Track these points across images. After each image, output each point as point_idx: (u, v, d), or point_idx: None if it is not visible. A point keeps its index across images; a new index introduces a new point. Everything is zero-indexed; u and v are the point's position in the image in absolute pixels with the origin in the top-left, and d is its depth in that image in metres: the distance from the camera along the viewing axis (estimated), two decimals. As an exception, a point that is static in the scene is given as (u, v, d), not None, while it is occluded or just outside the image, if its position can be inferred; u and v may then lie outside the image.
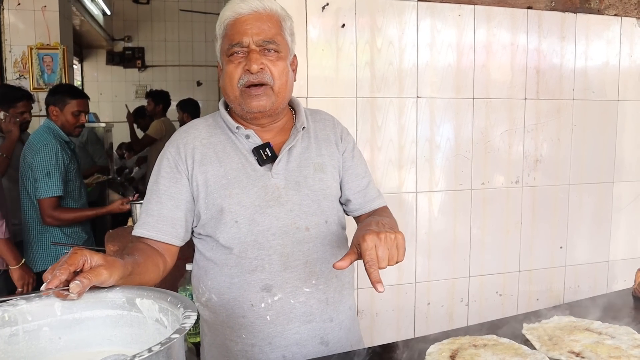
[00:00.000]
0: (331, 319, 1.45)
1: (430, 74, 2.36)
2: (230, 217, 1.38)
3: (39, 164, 2.90)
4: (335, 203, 1.50)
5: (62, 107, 3.11)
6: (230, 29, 1.38)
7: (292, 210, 1.40)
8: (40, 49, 4.79)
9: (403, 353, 1.22)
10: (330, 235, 1.45)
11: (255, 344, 1.40)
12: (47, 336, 1.06)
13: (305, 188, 1.43)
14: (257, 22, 1.36)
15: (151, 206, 1.42)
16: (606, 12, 2.59)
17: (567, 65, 2.56)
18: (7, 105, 3.41)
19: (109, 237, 2.35)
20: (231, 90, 1.39)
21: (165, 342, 0.83)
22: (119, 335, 1.10)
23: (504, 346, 1.20)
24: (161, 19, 8.25)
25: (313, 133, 1.51)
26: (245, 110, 1.40)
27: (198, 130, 1.47)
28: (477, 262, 2.51)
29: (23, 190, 3.03)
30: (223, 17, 1.40)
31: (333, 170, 1.50)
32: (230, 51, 1.37)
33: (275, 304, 1.38)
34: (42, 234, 3.04)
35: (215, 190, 1.39)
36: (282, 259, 1.37)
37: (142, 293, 1.08)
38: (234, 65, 1.37)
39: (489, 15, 2.40)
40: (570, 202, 2.64)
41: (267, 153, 1.41)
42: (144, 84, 8.23)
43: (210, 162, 1.41)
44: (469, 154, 2.44)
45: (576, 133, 2.61)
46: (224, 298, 1.42)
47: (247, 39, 1.35)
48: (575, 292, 2.69)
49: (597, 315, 1.42)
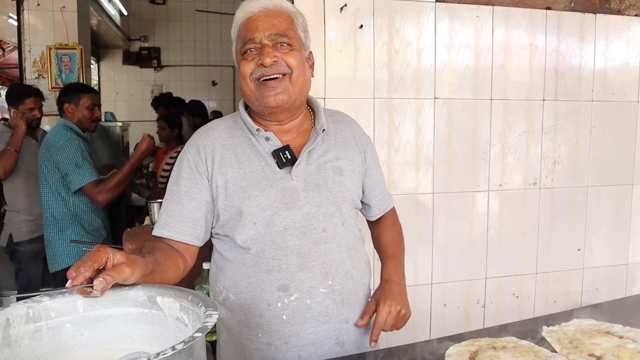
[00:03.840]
0: (347, 320, 1.45)
1: (448, 75, 2.35)
2: (249, 219, 1.39)
3: (67, 159, 2.96)
4: (352, 206, 1.51)
5: (77, 103, 3.16)
6: (243, 28, 1.40)
7: (309, 213, 1.40)
8: (58, 49, 4.84)
9: (420, 354, 1.22)
10: (347, 237, 1.46)
11: (271, 343, 1.40)
12: (70, 333, 1.08)
13: (325, 190, 1.43)
14: (267, 18, 1.38)
15: (172, 207, 1.43)
16: (626, 13, 2.56)
17: (586, 66, 2.54)
18: (16, 102, 3.49)
19: (126, 235, 2.37)
20: (246, 85, 1.40)
21: (189, 340, 0.84)
22: (140, 332, 1.11)
23: (524, 349, 1.19)
24: (177, 19, 8.31)
25: (333, 135, 1.52)
26: (263, 105, 1.40)
27: (218, 132, 1.48)
28: (494, 264, 2.50)
29: (45, 187, 3.06)
30: (236, 19, 1.43)
31: (352, 174, 1.51)
32: (244, 49, 1.38)
33: (291, 304, 1.39)
34: (63, 232, 3.07)
35: (234, 192, 1.40)
36: (298, 259, 1.38)
37: (163, 291, 1.10)
38: (247, 61, 1.38)
39: (508, 16, 2.38)
40: (588, 204, 2.62)
41: (286, 156, 1.42)
42: (159, 83, 8.30)
43: (229, 163, 1.42)
44: (487, 155, 2.43)
45: (595, 134, 2.58)
46: (241, 297, 1.43)
47: (258, 35, 1.36)
48: (593, 295, 2.67)
49: (617, 319, 1.40)
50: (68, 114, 3.15)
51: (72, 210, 3.06)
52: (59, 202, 3.04)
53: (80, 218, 3.10)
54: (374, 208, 1.65)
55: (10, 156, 3.33)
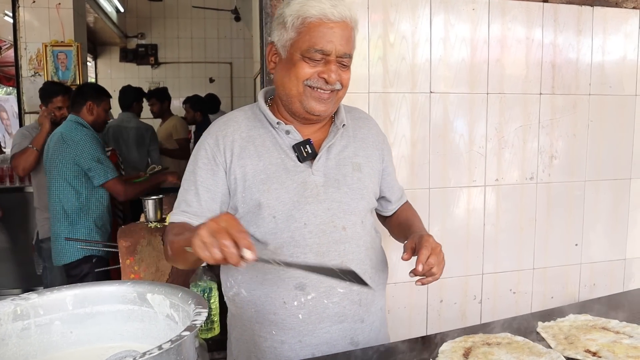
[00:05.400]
0: (362, 320, 1.45)
1: (444, 69, 2.33)
2: (268, 212, 1.37)
3: (88, 154, 3.03)
4: (370, 204, 1.50)
5: (99, 103, 3.24)
6: (315, 30, 1.32)
7: (330, 209, 1.39)
8: (54, 46, 4.83)
9: (416, 350, 1.21)
10: (365, 236, 1.45)
11: (285, 341, 1.40)
12: (59, 330, 1.07)
13: (345, 186, 1.42)
14: (342, 32, 1.34)
15: (189, 197, 1.42)
16: (624, 5, 2.54)
17: (583, 59, 2.52)
18: (45, 101, 3.55)
19: (121, 232, 2.36)
20: (295, 86, 1.37)
21: (176, 339, 0.83)
22: (130, 330, 1.10)
23: (518, 344, 1.18)
24: (174, 16, 8.28)
25: (352, 132, 1.51)
26: (306, 110, 1.38)
27: (237, 123, 1.46)
28: (491, 260, 2.48)
29: (58, 180, 3.08)
30: (304, 12, 1.33)
31: (371, 171, 1.50)
32: (309, 54, 1.33)
33: (308, 303, 1.38)
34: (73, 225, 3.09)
35: (253, 184, 1.39)
36: (317, 257, 1.37)
37: (154, 288, 1.09)
38: (309, 67, 1.34)
39: (504, 9, 2.36)
40: (585, 199, 2.60)
41: (307, 150, 1.41)
42: (157, 80, 8.27)
43: (249, 156, 1.40)
44: (483, 150, 2.41)
45: (592, 128, 2.57)
46: (255, 294, 1.42)
47: (330, 50, 1.33)
48: (591, 290, 2.66)
49: (614, 314, 1.39)
50: (86, 111, 3.19)
51: (85, 204, 3.10)
52: (73, 196, 3.07)
53: (93, 213, 3.14)
54: (394, 203, 1.66)
55: (30, 154, 3.38)
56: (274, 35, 1.41)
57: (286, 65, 1.38)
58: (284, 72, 1.39)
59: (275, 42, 1.41)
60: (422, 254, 1.28)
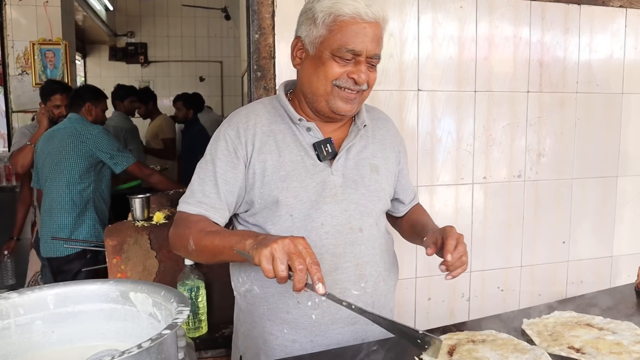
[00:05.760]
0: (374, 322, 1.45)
1: (432, 66, 2.33)
2: (286, 210, 1.36)
3: (108, 146, 3.15)
4: (385, 206, 1.50)
5: (97, 104, 3.34)
6: (347, 29, 1.29)
7: (347, 210, 1.39)
8: (42, 45, 4.79)
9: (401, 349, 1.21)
10: (380, 238, 1.45)
11: (297, 340, 1.39)
12: (40, 330, 1.05)
13: (362, 188, 1.42)
14: (374, 33, 1.32)
15: (207, 188, 1.38)
16: (611, 4, 2.56)
17: (570, 57, 2.53)
18: (44, 99, 3.61)
19: (108, 231, 2.34)
20: (324, 85, 1.34)
21: (156, 338, 0.82)
22: (112, 329, 1.09)
23: (503, 341, 1.18)
24: (164, 15, 8.24)
25: (371, 132, 1.50)
26: (331, 109, 1.37)
27: (259, 116, 1.43)
28: (479, 257, 2.49)
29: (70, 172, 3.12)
30: (337, 10, 1.30)
31: (387, 173, 1.50)
32: (340, 53, 1.30)
33: (322, 304, 1.37)
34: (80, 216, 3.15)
35: (272, 180, 1.37)
36: (333, 259, 1.36)
37: (136, 287, 1.08)
38: (338, 66, 1.32)
39: (492, 7, 2.37)
40: (573, 197, 2.62)
41: (327, 149, 1.39)
42: (146, 79, 8.23)
43: (269, 151, 1.38)
44: (471, 148, 2.42)
45: (580, 126, 2.58)
46: (268, 291, 1.41)
47: (362, 50, 1.30)
48: (578, 288, 2.67)
49: (598, 311, 1.40)
50: (85, 112, 3.26)
51: (92, 197, 3.18)
52: (82, 189, 3.14)
53: (97, 206, 3.21)
54: (407, 204, 1.66)
55: (29, 151, 3.40)
56: (300, 30, 1.38)
57: (314, 63, 1.35)
58: (312, 69, 1.36)
59: (302, 37, 1.37)
60: (449, 243, 1.27)
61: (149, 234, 2.30)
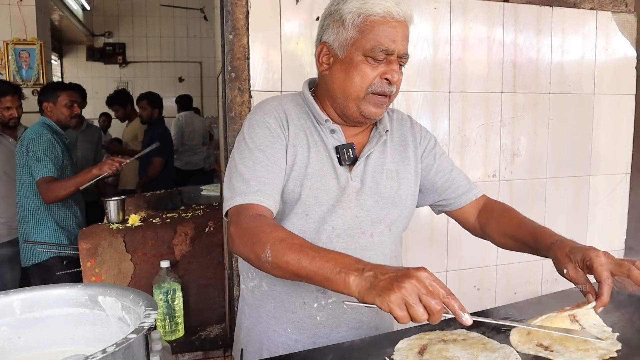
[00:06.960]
0: (377, 327, 1.46)
1: (407, 67, 2.32)
2: (303, 209, 1.34)
3: (31, 151, 2.98)
4: (403, 210, 1.47)
5: (55, 101, 3.20)
6: (378, 28, 1.27)
7: (358, 217, 1.38)
8: (16, 44, 4.73)
9: (372, 349, 1.21)
10: (391, 244, 1.45)
11: (299, 340, 1.39)
12: (6, 336, 1.04)
13: (377, 195, 1.40)
14: (404, 32, 1.30)
15: (260, 173, 1.28)
16: (582, 6, 2.60)
17: (543, 59, 2.57)
18: None
19: (82, 234, 2.32)
20: (358, 90, 1.31)
21: (121, 342, 0.81)
22: (81, 334, 1.08)
23: (473, 341, 1.19)
24: (142, 14, 8.18)
25: (390, 136, 1.48)
26: (362, 114, 1.34)
27: (289, 109, 1.40)
28: (455, 257, 2.51)
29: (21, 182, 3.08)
30: (367, 9, 1.27)
31: (407, 175, 1.47)
32: (373, 53, 1.28)
33: (327, 306, 1.37)
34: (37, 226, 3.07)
35: (298, 176, 1.34)
36: None
37: (105, 291, 1.07)
38: (371, 68, 1.29)
39: (465, 8, 2.39)
40: (547, 196, 2.65)
41: (349, 154, 1.38)
42: (125, 80, 8.17)
43: (301, 144, 1.36)
44: (446, 148, 2.44)
45: (553, 126, 2.62)
46: (276, 289, 1.41)
47: (394, 49, 1.28)
48: (553, 285, 2.70)
49: (568, 308, 1.41)
50: (47, 112, 3.19)
51: (46, 205, 3.06)
52: (33, 197, 3.05)
53: (54, 213, 3.11)
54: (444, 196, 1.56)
55: None
56: (326, 35, 1.34)
57: (345, 67, 1.32)
58: (343, 74, 1.32)
59: (329, 42, 1.34)
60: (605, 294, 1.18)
61: (124, 236, 2.28)
